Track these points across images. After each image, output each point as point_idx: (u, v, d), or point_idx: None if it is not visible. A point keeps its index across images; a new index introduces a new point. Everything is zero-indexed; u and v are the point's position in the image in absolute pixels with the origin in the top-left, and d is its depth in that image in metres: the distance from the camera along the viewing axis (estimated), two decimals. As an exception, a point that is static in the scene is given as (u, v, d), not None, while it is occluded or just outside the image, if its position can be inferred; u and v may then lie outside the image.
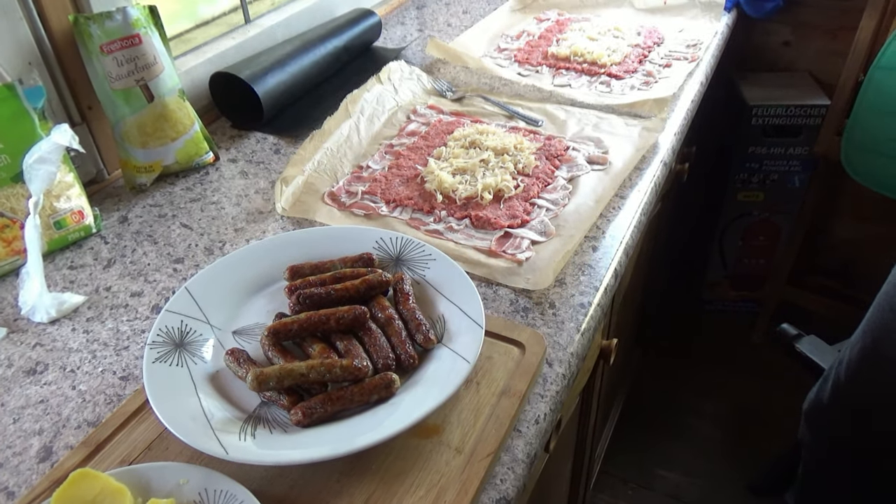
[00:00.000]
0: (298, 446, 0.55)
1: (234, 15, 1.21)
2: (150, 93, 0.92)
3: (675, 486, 1.66)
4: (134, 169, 0.95)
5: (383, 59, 1.29)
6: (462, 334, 0.63)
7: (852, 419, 1.15)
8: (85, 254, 0.85)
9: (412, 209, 0.89)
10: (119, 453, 0.57)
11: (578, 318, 0.72)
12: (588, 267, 0.79)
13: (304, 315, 0.64)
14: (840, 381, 1.14)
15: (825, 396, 1.18)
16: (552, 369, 0.67)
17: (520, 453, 0.59)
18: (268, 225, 0.88)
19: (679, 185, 1.44)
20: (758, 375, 1.91)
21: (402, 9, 1.58)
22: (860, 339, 1.10)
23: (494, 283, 0.77)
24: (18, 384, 0.68)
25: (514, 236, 0.83)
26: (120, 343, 0.72)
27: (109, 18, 0.86)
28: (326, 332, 0.64)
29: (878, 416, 1.11)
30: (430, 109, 1.13)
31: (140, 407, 0.61)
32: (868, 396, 1.10)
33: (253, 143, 1.07)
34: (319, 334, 0.64)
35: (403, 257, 0.74)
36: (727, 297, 2.06)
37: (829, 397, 1.17)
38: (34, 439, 0.62)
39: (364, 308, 0.65)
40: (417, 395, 0.59)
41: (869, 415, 1.12)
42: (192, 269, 0.82)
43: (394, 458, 0.56)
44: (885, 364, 1.05)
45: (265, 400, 0.60)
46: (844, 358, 1.13)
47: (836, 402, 1.16)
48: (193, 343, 0.65)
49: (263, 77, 1.08)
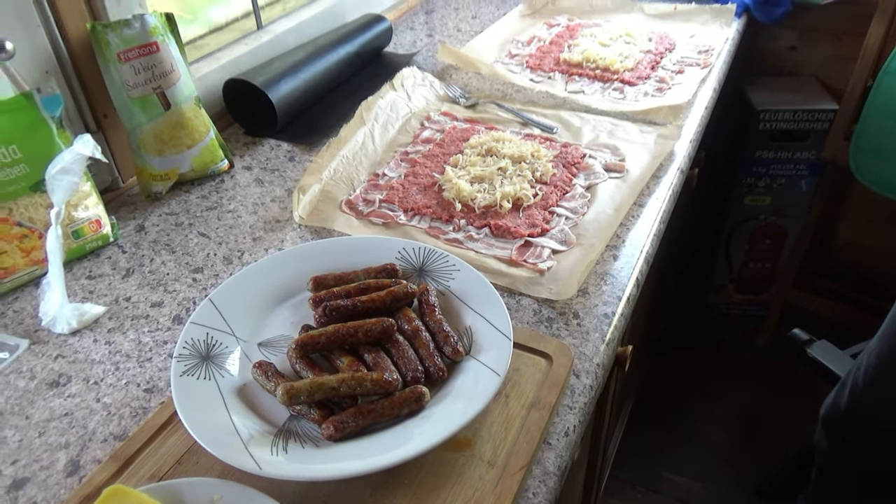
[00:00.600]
0: (331, 461, 0.54)
1: (247, 21, 1.21)
2: (167, 101, 0.91)
3: (685, 490, 1.66)
4: (150, 177, 0.94)
5: (395, 65, 1.29)
6: (490, 346, 0.63)
7: (869, 424, 1.15)
8: (103, 263, 0.85)
9: (431, 218, 0.89)
10: (149, 468, 0.57)
11: (603, 328, 0.72)
12: (610, 276, 0.79)
13: (331, 328, 0.64)
14: (858, 386, 1.14)
15: (843, 402, 1.18)
16: (579, 380, 0.66)
17: (551, 466, 0.59)
18: (286, 234, 0.88)
19: (689, 189, 1.44)
20: (764, 379, 1.91)
21: (411, 14, 1.57)
22: (878, 345, 1.10)
23: (517, 293, 0.77)
24: (42, 397, 0.67)
25: (535, 245, 0.83)
26: (143, 354, 0.71)
27: (127, 26, 0.86)
28: (354, 345, 0.64)
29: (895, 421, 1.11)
30: (443, 116, 1.12)
31: (167, 420, 0.60)
32: (887, 403, 1.11)
33: (267, 151, 1.07)
34: (347, 347, 0.64)
35: (427, 268, 0.73)
36: (733, 300, 2.06)
37: (847, 403, 1.17)
38: (60, 453, 0.61)
39: (392, 320, 0.64)
40: (448, 408, 0.59)
41: (887, 421, 1.12)
42: (212, 278, 0.81)
43: (426, 473, 0.56)
44: None
45: (294, 413, 0.60)
46: (862, 363, 1.13)
47: (854, 408, 1.16)
48: (220, 355, 0.64)
49: (277, 84, 1.08)
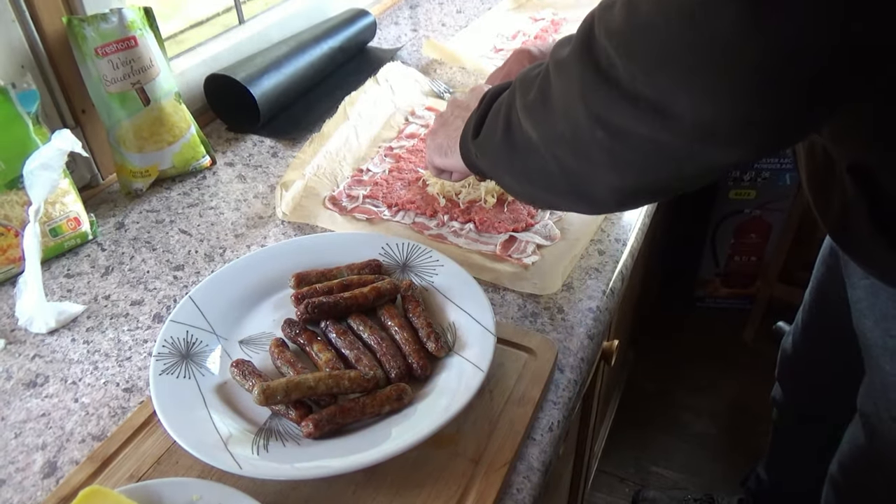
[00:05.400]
0: (313, 459, 0.54)
1: (228, 15, 1.19)
2: (147, 96, 0.90)
3: (673, 483, 1.67)
4: (130, 174, 0.93)
5: (379, 60, 1.28)
6: (474, 342, 0.63)
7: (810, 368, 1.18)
8: (82, 261, 0.83)
9: (415, 213, 0.88)
10: (127, 469, 0.56)
11: (587, 322, 0.72)
12: (594, 270, 0.79)
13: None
14: (797, 327, 1.17)
15: (789, 346, 1.21)
16: (563, 375, 0.66)
17: (535, 462, 0.58)
18: (268, 230, 0.87)
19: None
20: (750, 372, 1.93)
21: (395, 8, 1.56)
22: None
23: (501, 288, 0.76)
24: (18, 397, 0.66)
25: (519, 240, 0.83)
26: (122, 353, 0.70)
27: (104, 20, 0.85)
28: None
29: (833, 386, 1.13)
30: (428, 111, 1.12)
31: (146, 420, 0.60)
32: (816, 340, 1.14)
33: (249, 147, 1.06)
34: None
35: (410, 263, 0.73)
36: (719, 294, 2.07)
37: (790, 344, 1.21)
38: (37, 454, 0.60)
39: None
40: (431, 405, 0.58)
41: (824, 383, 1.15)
42: (193, 276, 0.80)
43: (409, 469, 0.55)
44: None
45: (274, 413, 0.59)
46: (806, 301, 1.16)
47: (795, 349, 1.18)
48: (200, 354, 0.63)
49: (259, 79, 1.07)
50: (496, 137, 0.61)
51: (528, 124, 0.56)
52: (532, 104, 0.55)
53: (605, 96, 0.46)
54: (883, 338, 0.75)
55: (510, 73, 0.88)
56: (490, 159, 0.64)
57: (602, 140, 0.48)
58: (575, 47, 0.49)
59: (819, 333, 1.11)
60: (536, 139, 0.55)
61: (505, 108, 0.60)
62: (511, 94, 0.60)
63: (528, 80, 0.57)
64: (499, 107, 0.62)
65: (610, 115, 0.46)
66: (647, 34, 0.43)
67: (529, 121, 0.56)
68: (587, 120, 0.48)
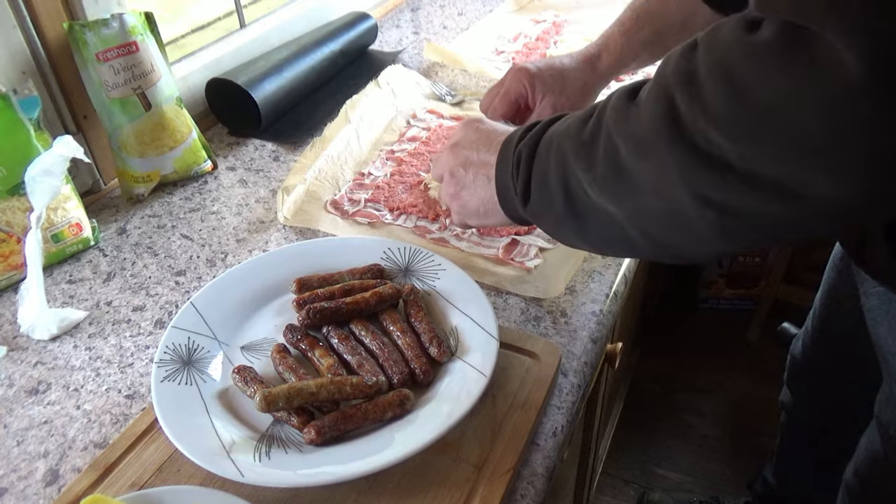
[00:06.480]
0: (315, 466, 0.53)
1: (229, 19, 1.19)
2: (148, 101, 0.90)
3: (678, 485, 1.66)
4: (131, 179, 0.93)
5: (380, 63, 1.27)
6: (476, 347, 0.62)
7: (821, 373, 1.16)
8: (84, 267, 0.83)
9: (416, 217, 0.88)
10: (129, 477, 0.56)
11: (590, 326, 0.72)
12: (597, 273, 0.78)
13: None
14: (808, 332, 1.15)
15: (798, 350, 1.19)
16: (567, 379, 0.66)
17: (539, 467, 0.58)
18: (270, 235, 0.87)
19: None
20: (755, 373, 1.92)
21: (396, 11, 1.56)
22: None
23: (504, 292, 0.76)
24: (21, 405, 0.66)
25: (522, 243, 0.82)
26: (124, 360, 0.70)
27: (105, 26, 0.85)
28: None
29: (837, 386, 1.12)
30: (429, 114, 1.11)
31: (148, 427, 0.59)
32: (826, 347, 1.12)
33: (251, 151, 1.06)
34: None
35: (412, 268, 0.72)
36: (723, 295, 2.06)
37: (800, 349, 1.18)
38: (39, 462, 0.60)
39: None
40: (433, 410, 0.58)
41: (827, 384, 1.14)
42: (195, 281, 0.80)
43: (412, 476, 0.55)
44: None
45: (276, 419, 0.59)
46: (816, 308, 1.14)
47: (807, 353, 1.17)
48: (202, 360, 0.63)
49: (260, 83, 1.07)
50: (557, 209, 0.56)
51: (605, 200, 0.52)
52: (606, 180, 0.51)
53: (715, 180, 0.43)
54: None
55: (508, 91, 0.86)
56: (551, 225, 0.60)
57: (712, 219, 0.45)
58: (657, 127, 0.46)
59: (830, 340, 1.09)
60: (619, 216, 0.51)
61: (558, 176, 0.55)
62: (561, 160, 0.54)
63: (583, 148, 0.52)
64: (545, 172, 0.56)
65: (722, 197, 0.44)
66: (770, 122, 0.40)
67: (606, 197, 0.51)
68: (692, 201, 0.45)
